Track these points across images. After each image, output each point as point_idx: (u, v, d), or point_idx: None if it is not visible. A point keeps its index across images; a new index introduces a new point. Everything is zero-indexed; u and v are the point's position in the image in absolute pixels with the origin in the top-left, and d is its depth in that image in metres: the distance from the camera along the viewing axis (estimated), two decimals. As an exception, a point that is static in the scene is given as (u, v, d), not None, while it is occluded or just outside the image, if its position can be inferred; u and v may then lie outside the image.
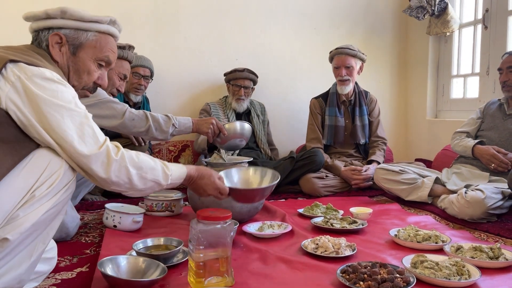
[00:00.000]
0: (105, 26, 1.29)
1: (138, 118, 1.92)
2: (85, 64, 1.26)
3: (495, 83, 2.97)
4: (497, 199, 2.07)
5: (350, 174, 2.83)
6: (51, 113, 1.06)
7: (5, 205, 1.01)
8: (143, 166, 1.20)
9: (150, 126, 1.95)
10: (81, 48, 1.25)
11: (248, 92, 3.16)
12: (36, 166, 1.06)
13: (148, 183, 1.22)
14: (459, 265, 1.38)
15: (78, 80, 1.27)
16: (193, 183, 1.41)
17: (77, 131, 1.09)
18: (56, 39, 1.22)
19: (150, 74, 2.93)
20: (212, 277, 1.27)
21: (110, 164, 1.12)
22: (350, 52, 2.96)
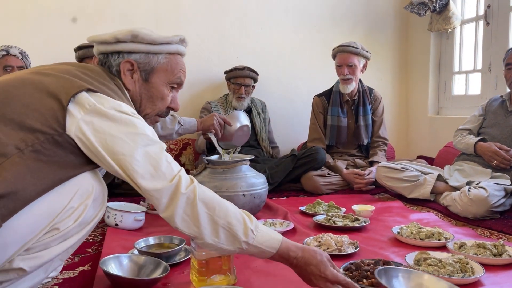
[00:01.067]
0: (175, 46, 1.24)
1: None
2: (158, 90, 1.21)
3: (497, 79, 2.95)
4: (500, 196, 2.06)
5: (352, 178, 2.81)
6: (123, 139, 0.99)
7: (26, 230, 0.93)
8: (216, 207, 1.03)
9: (156, 125, 1.93)
10: (153, 73, 1.19)
11: (249, 90, 3.15)
12: (67, 192, 0.98)
13: (221, 232, 1.02)
14: (462, 262, 1.37)
15: (152, 107, 1.22)
16: (296, 266, 1.09)
17: (150, 162, 0.99)
18: (127, 67, 1.17)
19: None
20: (214, 275, 1.26)
21: (177, 198, 0.99)
22: (353, 50, 2.89)
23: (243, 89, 3.10)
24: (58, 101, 0.98)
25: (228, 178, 2.02)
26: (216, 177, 2.04)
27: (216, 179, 2.03)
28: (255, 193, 2.03)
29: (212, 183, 2.01)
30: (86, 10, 3.06)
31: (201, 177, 2.08)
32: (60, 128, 0.97)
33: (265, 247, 1.05)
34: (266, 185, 2.13)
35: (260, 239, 1.05)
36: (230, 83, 3.17)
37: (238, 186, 1.99)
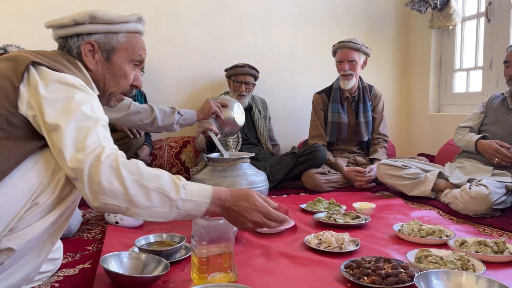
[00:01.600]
0: (133, 25, 1.26)
1: (144, 111, 1.88)
2: (120, 69, 1.23)
3: (498, 76, 2.94)
4: (501, 194, 2.06)
5: (353, 175, 2.81)
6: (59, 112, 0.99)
7: (6, 209, 0.95)
8: (143, 172, 1.00)
9: (156, 117, 1.89)
10: (114, 52, 1.21)
11: (249, 88, 3.14)
12: (41, 168, 1.00)
13: (153, 195, 0.99)
14: (463, 260, 1.36)
15: (116, 85, 1.24)
16: (228, 209, 1.09)
17: (79, 135, 0.97)
18: (88, 47, 1.18)
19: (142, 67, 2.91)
20: (215, 273, 1.26)
21: (98, 166, 0.94)
22: (354, 45, 2.90)
23: (244, 86, 3.09)
24: (10, 82, 1.02)
25: (228, 175, 2.02)
26: (216, 175, 2.03)
27: (217, 176, 2.02)
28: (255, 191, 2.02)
29: (213, 180, 2.01)
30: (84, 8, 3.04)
31: (201, 174, 2.08)
32: (12, 107, 1.00)
33: (199, 199, 1.05)
34: (266, 182, 2.12)
35: (192, 191, 1.04)
36: (230, 80, 3.16)
37: (238, 184, 1.99)
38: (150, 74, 3.23)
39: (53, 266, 1.37)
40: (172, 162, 3.15)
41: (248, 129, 3.17)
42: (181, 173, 3.16)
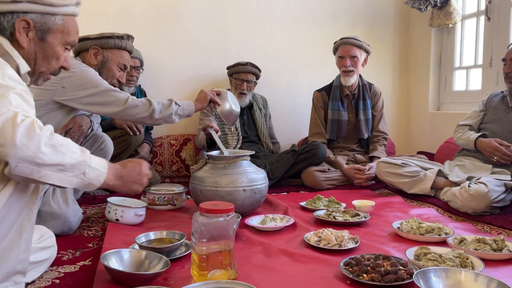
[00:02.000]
0: (71, 8, 1.26)
1: (141, 104, 1.89)
2: (53, 50, 1.22)
3: (498, 75, 2.95)
4: (500, 192, 2.06)
5: (352, 173, 2.82)
6: None
7: None
8: (58, 139, 1.01)
9: (154, 110, 1.90)
10: (49, 33, 1.21)
11: (251, 86, 3.14)
12: None
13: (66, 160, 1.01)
14: (462, 257, 1.37)
15: (47, 66, 1.23)
16: (122, 176, 1.20)
17: None
18: (23, 25, 1.17)
19: (140, 64, 2.91)
20: (215, 270, 1.27)
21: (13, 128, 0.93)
22: (356, 42, 2.91)
23: (245, 85, 3.09)
24: None
25: (228, 173, 2.02)
26: (216, 172, 2.04)
27: (217, 174, 2.03)
28: (255, 189, 2.03)
29: (213, 178, 2.01)
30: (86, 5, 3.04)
31: (201, 172, 2.08)
32: None
33: (101, 168, 1.10)
34: (266, 180, 2.13)
35: (96, 161, 1.10)
36: (232, 78, 3.16)
37: (238, 181, 1.99)
38: (150, 71, 3.23)
39: (48, 254, 1.38)
40: (172, 159, 3.16)
41: (249, 127, 3.17)
42: (182, 171, 3.17)
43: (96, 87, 1.82)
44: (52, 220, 1.71)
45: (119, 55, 2.03)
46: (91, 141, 2.10)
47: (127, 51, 2.08)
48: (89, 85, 1.82)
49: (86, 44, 1.98)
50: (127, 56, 2.08)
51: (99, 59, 1.99)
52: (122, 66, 2.05)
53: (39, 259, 1.32)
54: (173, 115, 1.97)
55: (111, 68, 2.01)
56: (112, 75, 2.02)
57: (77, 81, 1.81)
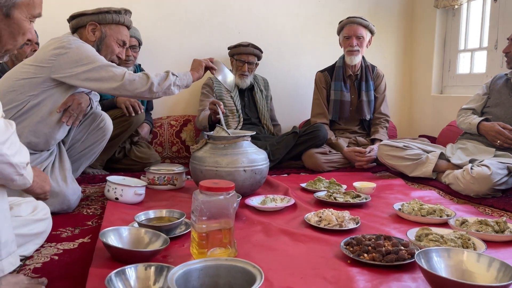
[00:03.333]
0: None
1: (139, 78, 1.85)
2: (20, 26, 1.16)
3: (503, 57, 2.90)
4: (503, 175, 2.05)
5: (353, 155, 2.80)
6: None
7: None
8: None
9: (152, 83, 1.85)
10: (15, 8, 1.14)
11: (252, 67, 3.10)
12: None
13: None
14: (464, 238, 1.36)
15: (13, 43, 1.17)
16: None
17: None
18: None
19: (138, 43, 2.86)
20: (214, 248, 1.26)
21: None
22: (363, 22, 2.90)
23: (246, 66, 3.05)
24: None
25: (229, 153, 2.01)
26: (216, 153, 2.02)
27: (217, 154, 2.01)
28: (256, 169, 2.01)
29: (213, 158, 1.99)
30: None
31: (202, 152, 2.06)
32: None
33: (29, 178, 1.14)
34: (267, 161, 2.11)
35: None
36: (233, 59, 3.12)
37: (239, 162, 1.98)
38: (150, 50, 3.19)
39: (44, 226, 1.37)
40: (172, 140, 3.14)
41: (250, 109, 3.14)
42: (182, 152, 3.15)
43: (93, 62, 1.79)
44: (51, 198, 1.69)
45: (117, 30, 1.96)
46: (90, 120, 2.07)
47: (126, 26, 2.01)
48: (86, 61, 1.78)
49: (83, 20, 1.92)
50: (125, 31, 2.01)
51: (97, 35, 1.92)
52: (121, 42, 1.99)
53: (35, 231, 1.32)
54: (172, 86, 1.93)
55: (110, 44, 1.95)
56: (111, 51, 1.96)
57: (74, 57, 1.77)
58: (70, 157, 2.03)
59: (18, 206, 1.32)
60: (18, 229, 1.26)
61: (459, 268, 1.14)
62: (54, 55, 1.77)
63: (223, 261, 1.05)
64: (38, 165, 1.79)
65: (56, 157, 1.91)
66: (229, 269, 1.03)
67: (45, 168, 1.81)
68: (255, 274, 0.97)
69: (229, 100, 3.04)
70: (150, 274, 1.11)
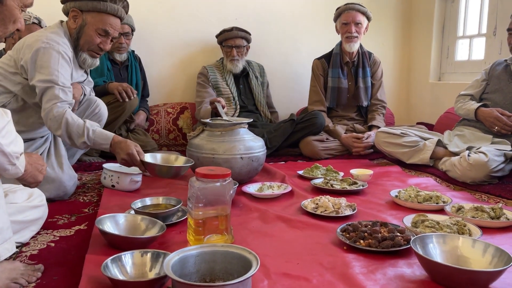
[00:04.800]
0: None
1: (54, 121, 1.69)
2: (11, 13, 1.15)
3: (501, 44, 2.89)
4: (500, 162, 2.05)
5: (351, 141, 2.80)
6: None
7: None
8: None
9: (62, 134, 1.70)
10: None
11: (241, 51, 3.06)
12: None
13: None
14: (460, 224, 1.36)
15: (3, 30, 1.16)
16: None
17: None
18: None
19: (131, 30, 2.82)
20: (211, 235, 1.26)
21: None
22: (361, 8, 2.90)
23: (235, 51, 3.01)
24: None
25: (226, 140, 2.00)
26: (213, 140, 2.01)
27: (214, 141, 2.00)
28: (253, 156, 2.00)
29: (210, 145, 1.98)
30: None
31: (198, 139, 2.05)
32: None
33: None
34: (264, 148, 2.10)
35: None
36: (222, 46, 3.10)
37: (236, 149, 1.97)
38: (145, 37, 3.16)
39: (40, 212, 1.38)
40: (169, 128, 3.12)
41: (246, 96, 3.12)
42: (178, 139, 3.14)
43: (48, 75, 1.70)
44: (47, 184, 1.69)
45: (99, 19, 1.80)
46: (85, 106, 2.04)
47: (112, 14, 1.83)
48: (44, 70, 1.70)
49: (67, 6, 1.83)
50: (110, 20, 1.83)
51: (78, 22, 1.81)
52: (102, 31, 1.82)
53: (30, 218, 1.32)
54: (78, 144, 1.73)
55: (88, 34, 1.81)
56: (89, 41, 1.83)
57: (38, 61, 1.71)
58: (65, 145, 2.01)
59: (13, 193, 1.31)
60: (14, 215, 1.25)
61: (454, 254, 1.14)
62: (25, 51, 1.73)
63: (219, 247, 1.05)
64: (34, 151, 1.78)
65: (51, 144, 1.90)
66: (225, 255, 1.03)
67: (41, 154, 1.80)
68: (251, 260, 0.97)
69: (225, 88, 3.03)
70: (146, 260, 1.11)
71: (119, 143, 1.72)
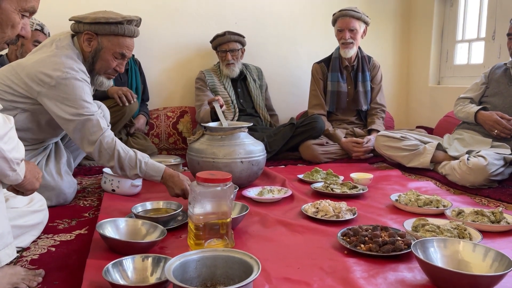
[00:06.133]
0: None
1: (106, 153, 1.66)
2: (9, 17, 1.11)
3: (500, 48, 2.90)
4: (499, 166, 2.05)
5: (351, 146, 2.80)
6: None
7: None
8: None
9: (114, 166, 1.68)
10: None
11: (236, 54, 3.06)
12: None
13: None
14: (460, 228, 1.37)
15: (1, 34, 1.12)
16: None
17: None
18: None
19: None
20: (211, 239, 1.26)
21: None
22: (355, 14, 2.87)
23: (229, 55, 3.02)
24: None
25: (226, 145, 2.00)
26: (214, 144, 2.01)
27: (214, 145, 2.00)
28: (253, 160, 2.01)
29: (210, 149, 1.99)
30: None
31: (198, 143, 2.06)
32: None
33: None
34: (264, 152, 2.11)
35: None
36: (217, 52, 3.10)
37: (236, 153, 1.97)
38: (145, 41, 3.16)
39: (41, 217, 1.38)
40: (169, 132, 3.13)
41: (244, 99, 3.12)
42: (179, 143, 3.14)
43: (80, 107, 1.63)
44: (47, 192, 1.69)
45: (116, 42, 1.74)
46: None
47: (128, 36, 1.78)
48: (71, 103, 1.62)
49: (80, 27, 1.74)
50: (127, 42, 1.77)
51: (93, 45, 1.73)
52: (119, 55, 1.77)
53: (31, 223, 1.32)
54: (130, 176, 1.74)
55: (105, 58, 1.75)
56: (106, 65, 1.77)
57: (61, 94, 1.62)
58: (67, 148, 2.01)
59: (14, 197, 1.31)
60: (15, 220, 1.26)
61: (455, 258, 1.14)
62: (42, 81, 1.62)
63: (220, 252, 1.05)
64: (32, 158, 1.76)
65: (52, 151, 1.88)
66: (226, 260, 1.03)
67: (39, 161, 1.79)
68: (252, 265, 0.98)
69: (223, 92, 3.03)
70: (148, 265, 1.11)
71: (171, 177, 1.69)
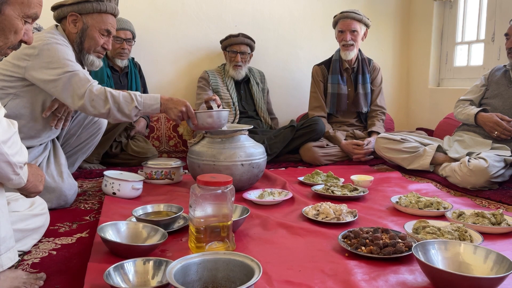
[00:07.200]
0: None
1: (98, 99, 1.70)
2: (11, 23, 1.11)
3: (500, 49, 2.90)
4: (500, 167, 2.05)
5: (351, 148, 2.80)
6: None
7: None
8: None
9: (110, 108, 1.71)
10: (7, 5, 1.10)
11: (245, 58, 3.08)
12: None
13: None
14: (461, 231, 1.37)
15: (4, 40, 1.13)
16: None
17: None
18: None
19: (132, 36, 2.84)
20: (212, 242, 1.26)
21: None
22: (356, 16, 2.89)
23: (239, 56, 3.03)
24: None
25: (226, 147, 2.00)
26: (214, 147, 2.01)
27: (215, 148, 2.01)
28: (253, 163, 2.01)
29: (211, 152, 1.99)
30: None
31: (199, 146, 2.06)
32: None
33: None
34: (264, 155, 2.11)
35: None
36: (226, 52, 3.11)
37: (236, 156, 1.98)
38: (146, 44, 3.17)
39: (42, 220, 1.38)
40: (169, 134, 3.13)
41: (246, 101, 3.13)
42: (179, 146, 3.14)
43: (62, 66, 1.69)
44: (48, 193, 1.69)
45: (100, 19, 1.82)
46: (83, 115, 2.04)
47: (110, 14, 1.85)
48: (56, 65, 1.68)
49: (63, 11, 1.81)
50: (110, 19, 1.85)
51: (79, 26, 1.80)
52: (105, 31, 1.84)
53: (32, 226, 1.33)
54: (133, 117, 1.78)
55: (92, 36, 1.82)
56: (95, 43, 1.84)
57: (45, 58, 1.68)
58: (65, 152, 2.01)
59: (15, 201, 1.31)
60: (16, 224, 1.26)
61: (456, 260, 1.14)
62: (27, 54, 1.68)
63: (221, 255, 1.05)
64: (33, 160, 1.77)
65: (51, 153, 1.89)
66: (228, 263, 1.03)
67: (40, 163, 1.79)
68: (254, 268, 0.98)
69: (226, 93, 3.04)
70: (149, 268, 1.11)
71: (170, 100, 1.81)
